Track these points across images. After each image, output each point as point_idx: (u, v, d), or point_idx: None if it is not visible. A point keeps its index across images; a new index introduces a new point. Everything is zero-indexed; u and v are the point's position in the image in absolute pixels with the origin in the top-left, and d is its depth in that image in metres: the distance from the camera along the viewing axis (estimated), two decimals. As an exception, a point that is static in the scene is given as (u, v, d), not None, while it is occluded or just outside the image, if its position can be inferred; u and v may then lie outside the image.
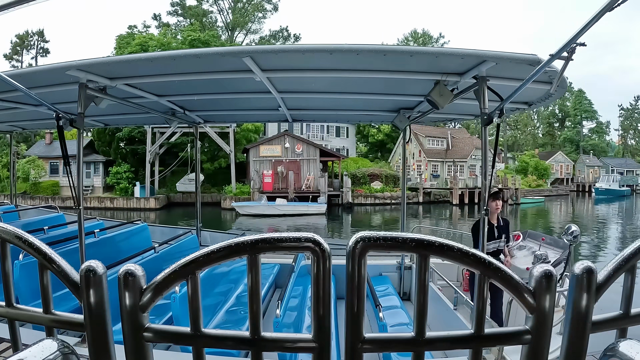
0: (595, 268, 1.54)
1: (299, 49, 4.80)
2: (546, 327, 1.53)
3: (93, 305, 1.61)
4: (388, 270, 9.62)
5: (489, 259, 1.50)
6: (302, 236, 1.49)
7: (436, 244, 1.50)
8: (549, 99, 6.43)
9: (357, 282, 1.49)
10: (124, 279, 1.56)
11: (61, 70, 5.11)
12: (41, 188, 55.02)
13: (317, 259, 1.50)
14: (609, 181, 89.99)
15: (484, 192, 5.34)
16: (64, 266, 1.66)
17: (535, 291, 1.51)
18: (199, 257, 1.53)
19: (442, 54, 4.78)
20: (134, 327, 1.58)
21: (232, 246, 1.50)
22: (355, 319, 1.52)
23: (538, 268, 1.52)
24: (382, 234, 1.49)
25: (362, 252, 1.49)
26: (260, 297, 1.58)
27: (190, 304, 1.59)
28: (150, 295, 1.56)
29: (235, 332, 1.63)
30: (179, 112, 8.36)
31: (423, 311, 1.57)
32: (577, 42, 3.47)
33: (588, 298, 1.54)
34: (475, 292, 1.59)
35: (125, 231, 9.81)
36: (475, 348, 1.62)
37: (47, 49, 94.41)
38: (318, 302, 1.52)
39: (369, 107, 8.41)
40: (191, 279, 1.56)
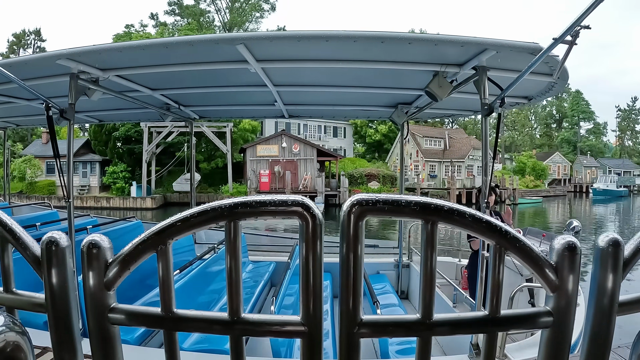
0: (621, 240, 1.37)
1: (294, 35, 4.67)
2: (570, 308, 1.34)
3: (55, 282, 1.42)
4: (386, 268, 9.54)
5: (506, 227, 1.31)
6: (289, 199, 1.30)
7: (445, 208, 1.30)
8: (549, 92, 6.33)
9: (353, 254, 1.29)
10: (87, 250, 1.37)
11: (51, 60, 4.99)
12: (37, 187, 55.02)
13: (306, 225, 1.30)
14: (606, 182, 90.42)
15: (484, 188, 5.24)
16: (24, 238, 1.49)
17: (558, 266, 1.32)
18: (170, 224, 1.34)
19: (442, 41, 4.67)
20: (98, 308, 1.38)
21: (207, 211, 1.31)
22: (353, 299, 1.33)
23: (559, 239, 1.34)
24: (382, 196, 1.29)
25: (358, 218, 1.28)
26: (240, 273, 1.38)
27: (161, 279, 1.40)
28: (116, 270, 1.36)
29: (212, 313, 1.43)
30: (174, 107, 8.25)
31: (431, 291, 1.37)
32: (581, 25, 3.35)
33: (615, 274, 1.36)
34: (490, 265, 1.40)
35: (119, 228, 9.71)
36: (491, 332, 1.42)
37: (44, 48, 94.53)
38: (307, 277, 1.33)
39: (367, 102, 8.33)
40: (161, 250, 1.36)
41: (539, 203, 66.89)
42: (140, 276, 6.32)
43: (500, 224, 1.32)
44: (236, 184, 56.76)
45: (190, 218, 1.33)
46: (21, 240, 1.50)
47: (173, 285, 1.41)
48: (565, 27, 3.44)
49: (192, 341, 5.30)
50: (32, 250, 1.48)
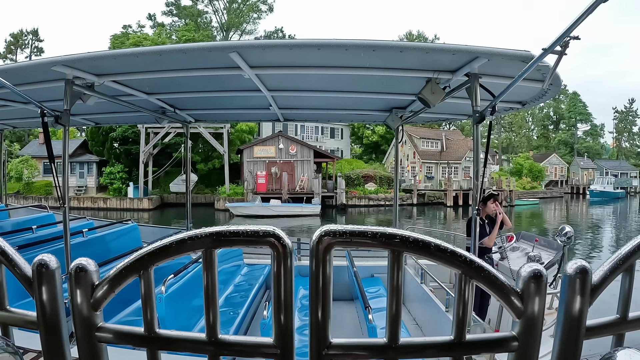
0: (589, 268, 1.40)
1: (286, 44, 4.70)
2: (535, 333, 1.39)
3: (45, 302, 1.49)
4: (380, 271, 9.55)
5: (471, 257, 1.35)
6: (261, 230, 1.36)
7: (410, 239, 1.34)
8: (543, 98, 6.37)
9: (322, 281, 1.35)
10: (75, 274, 1.44)
11: (47, 66, 5.02)
12: (34, 188, 54.98)
13: (278, 255, 1.37)
14: (603, 183, 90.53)
15: (475, 193, 5.28)
16: (16, 260, 1.55)
17: (523, 293, 1.37)
18: (151, 251, 1.40)
19: (433, 49, 4.70)
20: (86, 327, 1.46)
21: (185, 240, 1.37)
22: (321, 322, 1.38)
23: (526, 267, 1.38)
24: (349, 228, 1.34)
25: (327, 248, 1.34)
26: (216, 296, 1.45)
27: (144, 301, 1.47)
28: (103, 292, 1.43)
29: (191, 334, 1.50)
30: (169, 110, 8.27)
31: (397, 314, 1.42)
32: (570, 36, 3.38)
33: (582, 301, 1.40)
34: (455, 293, 1.44)
35: (115, 231, 9.71)
36: (456, 356, 1.47)
37: (41, 48, 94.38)
38: (279, 304, 1.40)
39: (361, 106, 8.35)
40: (144, 274, 1.44)
41: (536, 205, 66.90)
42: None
43: (465, 254, 1.36)
44: (233, 185, 56.74)
45: (169, 246, 1.39)
46: (14, 261, 1.57)
47: (155, 306, 1.48)
48: (554, 37, 3.48)
49: None
50: (23, 271, 1.55)
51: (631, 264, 1.49)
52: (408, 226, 10.92)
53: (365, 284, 7.84)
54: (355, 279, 7.15)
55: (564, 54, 3.66)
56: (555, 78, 4.94)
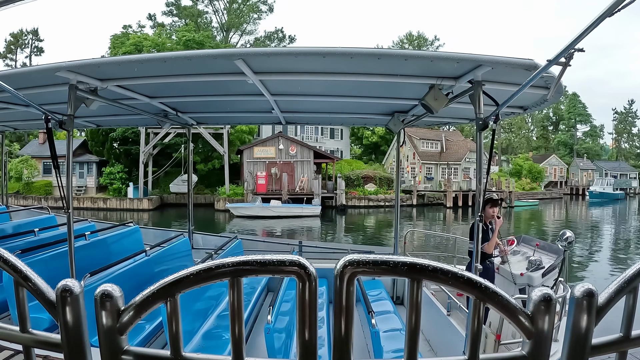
0: (596, 291, 1.46)
1: (291, 51, 4.72)
2: (544, 353, 1.44)
3: (70, 325, 1.51)
4: None
5: (485, 283, 1.41)
6: (287, 259, 1.39)
7: (429, 268, 1.41)
8: (545, 104, 6.40)
9: (346, 308, 1.39)
10: (101, 300, 1.46)
11: (51, 71, 5.04)
12: (34, 188, 54.93)
13: (302, 283, 1.40)
14: (602, 184, 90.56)
15: (478, 197, 5.29)
16: (39, 284, 1.57)
17: (534, 316, 1.42)
18: (178, 279, 1.43)
19: (437, 58, 4.73)
20: (112, 350, 1.49)
21: (212, 269, 1.40)
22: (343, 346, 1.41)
23: (537, 292, 1.43)
24: (371, 258, 1.38)
25: (350, 278, 1.38)
26: (243, 322, 1.47)
27: (169, 326, 1.49)
28: (128, 317, 1.46)
29: (217, 357, 1.52)
30: (172, 113, 8.29)
31: (415, 336, 1.46)
32: (575, 48, 3.42)
33: (588, 321, 1.45)
34: (469, 317, 1.49)
35: (117, 234, 9.73)
36: None
37: (41, 48, 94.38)
38: (304, 328, 1.42)
39: (363, 111, 8.36)
40: (170, 301, 1.46)
41: (536, 206, 66.86)
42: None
43: (480, 280, 1.41)
44: (233, 185, 56.72)
45: (196, 275, 1.42)
46: (36, 286, 1.59)
47: (181, 330, 1.50)
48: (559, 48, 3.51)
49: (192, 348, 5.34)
50: (47, 296, 1.57)
51: (635, 286, 1.54)
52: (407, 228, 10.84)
53: (367, 287, 7.87)
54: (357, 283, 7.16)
55: (569, 65, 3.70)
56: (559, 87, 4.97)
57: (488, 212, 8.13)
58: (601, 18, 2.99)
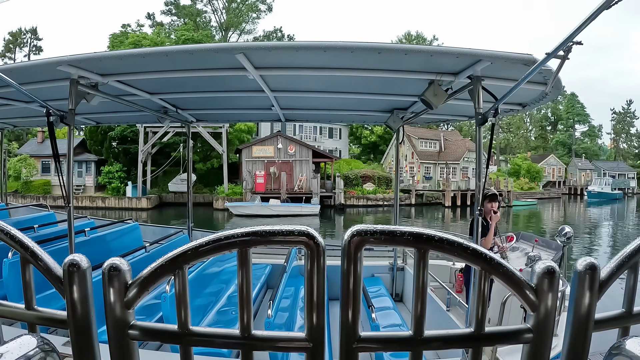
0: (598, 264, 1.49)
1: (292, 46, 4.73)
2: (548, 326, 1.47)
3: (77, 301, 1.52)
4: (380, 271, 9.60)
5: (490, 254, 1.43)
6: (296, 229, 1.42)
7: (435, 237, 1.42)
8: (543, 100, 6.40)
9: (353, 277, 1.42)
10: (108, 273, 1.48)
11: (52, 66, 5.04)
12: (32, 187, 54.84)
13: (312, 253, 1.42)
14: (601, 184, 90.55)
15: (477, 193, 5.31)
16: (47, 260, 1.58)
17: (538, 288, 1.45)
18: (186, 251, 1.44)
19: (437, 52, 4.74)
20: (119, 325, 1.50)
21: (221, 239, 1.42)
22: (352, 318, 1.45)
23: (540, 264, 1.46)
24: (379, 227, 1.41)
25: (358, 246, 1.41)
26: (251, 294, 1.50)
27: (178, 300, 1.51)
28: (135, 291, 1.48)
29: (225, 330, 1.54)
30: (172, 110, 8.29)
31: (422, 309, 1.50)
32: (573, 41, 3.43)
33: (591, 296, 1.48)
34: (475, 288, 1.52)
35: (116, 230, 9.74)
36: (475, 347, 1.55)
37: (40, 46, 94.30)
38: (311, 300, 1.45)
39: (363, 107, 8.37)
40: (179, 273, 1.48)
41: (534, 205, 66.88)
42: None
43: (485, 252, 1.43)
44: (232, 184, 56.67)
45: (204, 245, 1.43)
46: (43, 262, 1.59)
47: (189, 304, 1.51)
48: (558, 42, 3.53)
49: None
50: (54, 272, 1.57)
51: (636, 261, 1.56)
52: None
53: (366, 284, 7.89)
54: None
55: (567, 59, 3.71)
56: (557, 82, 4.99)
57: (486, 207, 8.12)
58: (599, 11, 3.01)
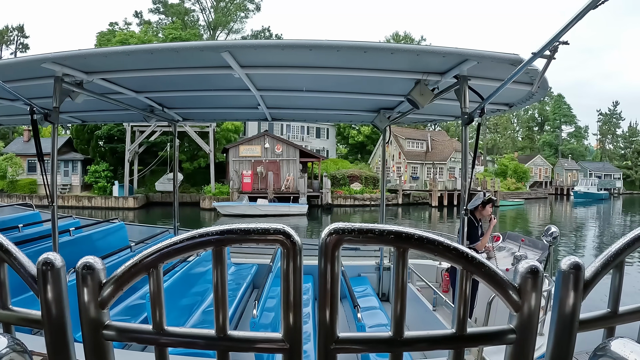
0: (582, 264, 1.47)
1: (278, 44, 4.71)
2: (532, 326, 1.44)
3: (51, 300, 1.49)
4: (367, 271, 9.59)
5: (472, 254, 1.40)
6: (271, 227, 1.39)
7: (415, 236, 1.39)
8: (530, 100, 6.42)
9: (331, 276, 1.39)
10: (82, 272, 1.44)
11: (36, 63, 4.98)
12: (18, 186, 54.53)
13: (287, 252, 1.39)
14: (587, 185, 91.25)
15: (463, 193, 5.32)
16: (20, 259, 1.55)
17: (521, 288, 1.43)
18: (161, 249, 1.42)
19: (424, 51, 4.73)
20: (93, 325, 1.46)
21: (195, 237, 1.39)
22: (329, 318, 1.42)
23: (523, 264, 1.44)
24: (357, 226, 1.38)
25: (335, 245, 1.38)
26: (226, 293, 1.48)
27: (153, 299, 1.48)
28: (110, 290, 1.44)
29: (201, 331, 1.51)
30: (158, 109, 8.24)
31: (402, 309, 1.47)
32: (559, 41, 3.44)
33: (575, 295, 1.46)
34: (457, 288, 1.50)
35: (102, 230, 9.65)
36: (457, 349, 1.52)
37: (27, 44, 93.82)
38: (288, 299, 1.42)
39: (349, 107, 8.37)
40: (153, 272, 1.44)
41: (521, 205, 67.16)
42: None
43: (467, 251, 1.41)
44: (219, 184, 56.59)
45: (179, 243, 1.40)
46: (18, 260, 1.55)
47: (164, 304, 1.48)
48: (544, 42, 3.53)
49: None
50: (28, 270, 1.53)
51: (621, 260, 1.55)
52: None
53: (353, 284, 7.87)
54: (344, 278, 7.17)
55: (553, 59, 3.72)
56: (543, 82, 5.00)
57: (487, 210, 8.21)
58: (585, 10, 3.01)
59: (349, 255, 9.87)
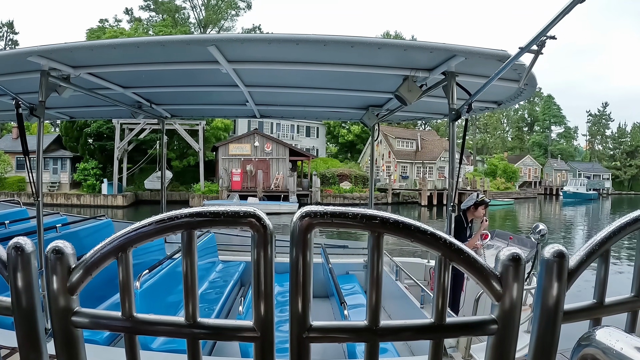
0: (566, 252, 1.43)
1: (265, 38, 4.69)
2: (514, 316, 1.40)
3: (20, 286, 1.44)
4: (355, 269, 9.59)
5: (450, 240, 1.36)
6: (242, 211, 1.36)
7: (391, 220, 1.35)
8: (518, 98, 6.43)
9: (303, 262, 1.34)
10: (51, 256, 1.40)
11: (22, 56, 4.92)
12: (7, 184, 54.24)
13: (258, 236, 1.35)
14: (576, 185, 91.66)
15: (450, 191, 5.32)
16: None
17: (502, 276, 1.39)
18: (130, 232, 1.38)
19: (411, 47, 4.73)
20: (62, 311, 1.42)
21: (164, 220, 1.36)
22: (302, 305, 1.37)
23: (505, 251, 1.40)
24: (330, 209, 1.36)
25: (307, 228, 1.34)
26: (196, 279, 1.44)
27: (122, 284, 1.44)
28: (79, 275, 1.41)
29: (170, 318, 1.48)
30: (146, 105, 8.20)
31: (377, 297, 1.43)
32: (547, 35, 3.43)
33: (559, 285, 1.42)
34: (435, 276, 1.45)
35: (89, 227, 9.59)
36: (436, 339, 1.48)
37: (16, 40, 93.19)
38: (258, 285, 1.37)
39: (338, 104, 8.38)
40: (122, 257, 1.41)
41: (511, 205, 67.37)
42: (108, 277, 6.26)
43: (445, 236, 1.37)
44: (208, 182, 56.50)
45: (148, 226, 1.37)
46: None
47: (133, 290, 1.45)
48: (531, 36, 3.52)
49: (162, 341, 5.29)
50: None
51: (607, 249, 1.52)
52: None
53: (340, 281, 7.86)
54: (331, 276, 7.16)
55: (540, 53, 3.71)
56: (531, 78, 5.00)
57: (480, 212, 8.19)
58: (572, 4, 3.01)
59: (337, 253, 9.87)
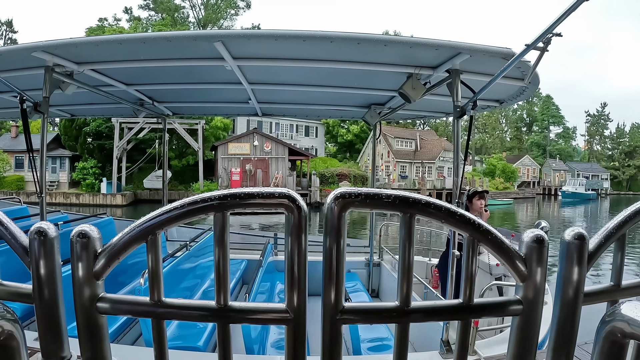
0: (586, 235, 1.45)
1: (272, 34, 4.68)
2: (538, 296, 1.42)
3: (42, 273, 1.42)
4: (357, 267, 9.60)
5: (479, 221, 1.38)
6: (276, 191, 1.34)
7: (422, 201, 1.36)
8: (521, 96, 6.44)
9: (336, 243, 1.34)
10: (77, 240, 1.38)
11: (26, 52, 4.92)
12: (5, 182, 54.14)
13: (293, 218, 1.34)
14: (575, 185, 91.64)
15: (455, 189, 5.32)
16: (12, 229, 1.47)
17: (527, 257, 1.41)
18: (160, 214, 1.38)
19: (416, 44, 4.72)
20: (87, 297, 1.40)
21: (197, 201, 1.35)
22: (335, 287, 1.36)
23: (529, 233, 1.43)
24: (364, 190, 1.34)
25: (342, 210, 1.33)
26: (227, 261, 1.43)
27: (151, 270, 1.42)
28: (105, 260, 1.39)
29: (200, 302, 1.46)
30: (148, 102, 8.20)
31: (409, 279, 1.44)
32: (553, 33, 3.44)
33: (580, 267, 1.44)
34: (464, 257, 1.48)
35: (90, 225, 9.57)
36: (465, 319, 1.49)
37: (15, 39, 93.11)
38: (292, 266, 1.36)
39: (340, 102, 8.38)
40: (151, 240, 1.40)
41: (510, 205, 67.38)
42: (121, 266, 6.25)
43: (474, 217, 1.38)
44: (207, 181, 56.48)
45: (180, 208, 1.35)
46: (9, 230, 1.48)
47: (162, 274, 1.44)
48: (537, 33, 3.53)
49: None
50: (20, 241, 1.46)
51: (623, 233, 1.53)
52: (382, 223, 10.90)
53: None
54: None
55: (546, 51, 3.71)
56: (535, 76, 5.01)
57: (476, 204, 8.06)
58: (578, 2, 3.02)
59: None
